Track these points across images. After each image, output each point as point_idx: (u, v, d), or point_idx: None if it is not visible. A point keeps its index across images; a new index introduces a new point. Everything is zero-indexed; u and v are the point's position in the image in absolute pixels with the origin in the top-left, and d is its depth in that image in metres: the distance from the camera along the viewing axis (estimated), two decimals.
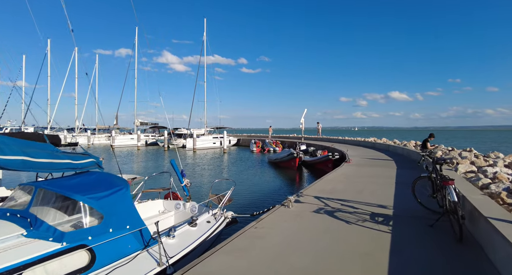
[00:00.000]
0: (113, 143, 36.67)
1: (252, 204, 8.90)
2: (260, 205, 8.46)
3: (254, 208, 8.01)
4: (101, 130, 47.83)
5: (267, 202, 9.03)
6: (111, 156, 25.70)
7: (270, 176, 15.25)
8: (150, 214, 5.89)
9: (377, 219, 4.42)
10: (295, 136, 38.24)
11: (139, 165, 19.66)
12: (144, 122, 43.43)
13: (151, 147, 38.90)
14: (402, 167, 10.35)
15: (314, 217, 4.61)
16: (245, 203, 9.03)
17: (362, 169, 10.12)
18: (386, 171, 9.42)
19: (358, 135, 39.57)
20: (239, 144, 40.50)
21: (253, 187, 12.14)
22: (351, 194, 6.14)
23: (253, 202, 9.37)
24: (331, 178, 8.22)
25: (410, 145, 15.93)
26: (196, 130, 37.57)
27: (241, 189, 11.24)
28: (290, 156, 17.83)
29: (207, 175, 15.60)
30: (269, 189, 11.75)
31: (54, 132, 45.41)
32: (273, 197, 10.08)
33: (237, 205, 8.39)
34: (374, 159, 13.07)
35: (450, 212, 3.58)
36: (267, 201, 9.20)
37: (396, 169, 9.87)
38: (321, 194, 6.10)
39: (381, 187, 6.87)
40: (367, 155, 15.24)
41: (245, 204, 8.87)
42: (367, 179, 7.95)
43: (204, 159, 23.81)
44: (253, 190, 11.46)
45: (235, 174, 16.04)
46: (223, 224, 5.11)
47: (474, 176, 5.96)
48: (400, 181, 7.61)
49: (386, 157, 14.07)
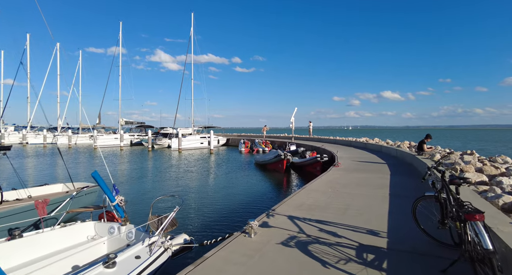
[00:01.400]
0: (95, 143, 34.95)
1: (219, 223, 7.17)
2: (229, 225, 7.01)
3: (220, 228, 6.72)
4: (85, 129, 45.84)
5: (239, 219, 7.47)
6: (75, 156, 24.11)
7: (253, 182, 13.69)
8: (77, 241, 4.56)
9: (366, 257, 3.17)
10: (286, 136, 37.04)
11: (115, 168, 18.17)
12: (130, 122, 41.65)
13: (136, 147, 37.26)
14: (397, 172, 9.19)
15: (280, 253, 3.34)
16: (211, 221, 7.34)
17: (351, 174, 8.92)
18: (378, 178, 8.23)
19: (351, 135, 38.64)
20: (228, 144, 39.15)
21: (229, 197, 10.38)
22: (334, 212, 4.89)
23: (221, 220, 7.52)
24: (314, 187, 6.99)
25: (404, 146, 14.86)
26: (183, 130, 36.08)
27: (214, 200, 9.88)
28: (277, 157, 16.59)
29: (181, 179, 14.24)
30: (247, 199, 9.95)
31: (35, 132, 43.44)
32: (249, 211, 8.35)
33: (201, 225, 7.09)
34: (365, 162, 11.90)
35: (477, 259, 2.36)
36: (239, 218, 7.54)
37: (389, 175, 8.70)
38: (297, 212, 4.84)
39: (372, 200, 5.65)
40: (358, 156, 14.10)
41: (211, 223, 7.20)
42: (355, 189, 6.73)
43: (187, 160, 22.41)
44: (228, 201, 9.74)
45: (214, 179, 14.69)
46: (161, 259, 3.81)
47: (488, 189, 4.79)
48: (395, 192, 6.40)
49: (378, 159, 12.93)
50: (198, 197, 10.22)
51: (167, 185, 12.77)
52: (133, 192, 11.10)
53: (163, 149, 33.75)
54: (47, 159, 22.94)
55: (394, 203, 5.41)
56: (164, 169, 17.79)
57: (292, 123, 28.71)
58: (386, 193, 6.29)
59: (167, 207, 7.78)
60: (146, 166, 19.31)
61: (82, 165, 19.39)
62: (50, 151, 31.01)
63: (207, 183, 13.27)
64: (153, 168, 18.08)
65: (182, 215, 7.72)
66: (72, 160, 22.31)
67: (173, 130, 34.51)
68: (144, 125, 44.52)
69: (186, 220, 7.45)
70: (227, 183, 13.10)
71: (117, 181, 13.35)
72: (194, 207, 8.75)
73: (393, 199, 5.72)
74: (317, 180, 8.04)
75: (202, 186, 12.60)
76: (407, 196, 5.95)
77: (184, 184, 12.95)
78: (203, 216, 7.83)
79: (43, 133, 39.48)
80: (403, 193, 6.23)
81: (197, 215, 7.96)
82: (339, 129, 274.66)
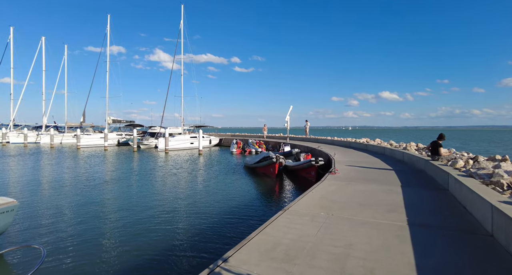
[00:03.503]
0: (79, 143, 32.88)
1: (153, 266, 4.90)
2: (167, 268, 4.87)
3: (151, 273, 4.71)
4: (72, 128, 43.68)
5: (188, 258, 5.26)
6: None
7: (235, 193, 10.79)
8: None
9: None
10: (281, 136, 35.11)
11: (79, 171, 16.18)
12: (117, 120, 39.56)
13: (124, 147, 35.25)
14: (408, 183, 7.28)
15: None
16: (140, 262, 5.04)
17: (351, 186, 7.00)
18: (387, 192, 6.32)
19: (350, 136, 36.76)
20: (221, 144, 37.22)
21: (192, 220, 7.41)
22: (326, 265, 2.93)
23: (158, 260, 5.12)
24: (301, 209, 5.05)
25: (411, 148, 12.96)
26: (172, 129, 34.12)
27: (170, 222, 7.37)
28: (268, 160, 14.66)
29: (144, 188, 12.27)
30: (214, 226, 6.93)
31: (18, 131, 41.26)
32: (205, 249, 5.60)
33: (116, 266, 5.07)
34: (367, 168, 10.00)
35: None
36: (188, 257, 5.24)
37: (400, 187, 6.78)
38: (264, 266, 2.91)
39: (385, 237, 3.72)
40: (358, 160, 12.20)
41: (138, 265, 4.96)
42: (358, 213, 4.81)
43: (170, 163, 20.44)
44: (186, 227, 6.85)
45: (187, 188, 12.64)
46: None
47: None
48: (416, 218, 4.45)
49: (382, 164, 11.03)
50: (145, 219, 7.55)
51: (119, 196, 10.58)
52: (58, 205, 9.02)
53: (150, 149, 31.77)
54: (6, 160, 20.85)
55: (420, 243, 3.48)
56: (135, 173, 15.79)
57: (287, 122, 26.77)
58: (402, 220, 4.36)
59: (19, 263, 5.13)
60: (118, 168, 17.24)
61: (48, 168, 17.33)
62: (25, 150, 28.87)
63: (174, 195, 10.64)
64: (123, 172, 16.02)
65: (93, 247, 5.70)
66: (42, 161, 20.25)
67: (161, 130, 32.46)
68: (134, 124, 42.47)
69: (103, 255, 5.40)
70: (201, 196, 10.28)
71: (58, 189, 11.30)
72: (129, 234, 6.56)
73: (417, 234, 3.79)
74: (306, 195, 6.11)
75: (163, 199, 9.84)
76: (438, 226, 4.04)
77: (141, 195, 10.42)
78: (130, 251, 5.60)
79: (23, 132, 37.29)
80: (430, 221, 4.31)
81: (123, 247, 5.79)
82: (337, 130, 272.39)
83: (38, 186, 11.97)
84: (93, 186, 11.93)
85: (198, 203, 9.40)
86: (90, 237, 6.27)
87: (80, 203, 9.20)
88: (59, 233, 6.53)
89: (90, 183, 12.56)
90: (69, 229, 6.78)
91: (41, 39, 41.80)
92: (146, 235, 6.44)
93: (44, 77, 42.54)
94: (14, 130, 40.86)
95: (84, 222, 7.35)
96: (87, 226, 6.99)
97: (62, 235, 6.41)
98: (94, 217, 7.73)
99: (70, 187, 11.69)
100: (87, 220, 7.51)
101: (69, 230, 6.72)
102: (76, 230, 6.75)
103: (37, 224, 7.13)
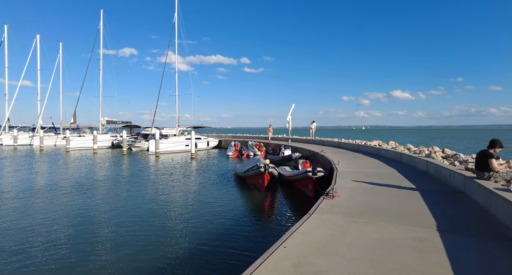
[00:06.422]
0: (68, 145, 31.04)
1: None
2: None
3: None
4: (69, 129, 42.10)
5: None
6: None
7: (211, 216, 8.30)
8: None
9: None
10: (284, 137, 32.36)
11: (48, 177, 13.94)
12: (113, 121, 37.74)
13: (117, 149, 33.31)
14: (450, 221, 4.46)
15: None
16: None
17: (353, 232, 4.28)
18: (419, 250, 3.58)
19: (360, 137, 33.68)
20: (220, 146, 34.81)
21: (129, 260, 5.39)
22: None
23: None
24: None
25: (436, 156, 10.05)
26: (168, 130, 31.90)
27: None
28: (255, 170, 12.07)
29: (108, 202, 9.83)
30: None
31: (10, 133, 39.94)
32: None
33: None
34: (380, 186, 7.22)
35: None
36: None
37: (438, 234, 4.02)
38: None
39: None
40: (368, 171, 9.41)
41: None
42: None
43: (158, 168, 18.07)
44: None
45: (155, 206, 10.24)
46: None
47: None
48: None
49: (400, 178, 8.23)
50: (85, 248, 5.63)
51: (69, 213, 8.27)
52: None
53: (143, 152, 29.62)
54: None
55: None
56: (108, 181, 13.39)
57: (289, 122, 24.02)
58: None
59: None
60: (89, 177, 14.83)
61: (22, 173, 15.13)
62: (14, 153, 26.97)
63: (131, 215, 8.47)
64: (95, 180, 13.68)
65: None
66: (17, 166, 18.15)
67: (152, 131, 30.23)
68: (131, 125, 40.61)
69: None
70: (161, 221, 8.05)
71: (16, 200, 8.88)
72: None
73: None
74: (270, 257, 3.47)
75: (115, 218, 7.94)
76: None
77: (98, 211, 8.43)
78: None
79: (13, 134, 35.85)
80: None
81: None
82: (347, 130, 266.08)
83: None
84: (49, 197, 9.57)
85: (167, 234, 6.86)
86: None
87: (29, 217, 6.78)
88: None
89: (48, 194, 10.22)
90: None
91: (35, 38, 40.45)
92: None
93: (40, 76, 41.19)
94: (9, 132, 39.60)
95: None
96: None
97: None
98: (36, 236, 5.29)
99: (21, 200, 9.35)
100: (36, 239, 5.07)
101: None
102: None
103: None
